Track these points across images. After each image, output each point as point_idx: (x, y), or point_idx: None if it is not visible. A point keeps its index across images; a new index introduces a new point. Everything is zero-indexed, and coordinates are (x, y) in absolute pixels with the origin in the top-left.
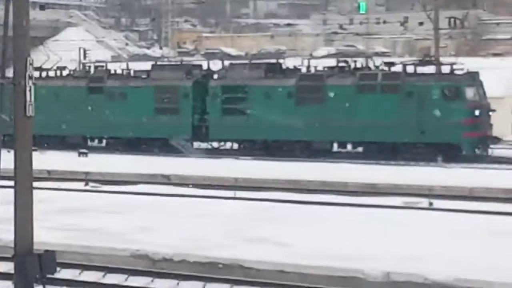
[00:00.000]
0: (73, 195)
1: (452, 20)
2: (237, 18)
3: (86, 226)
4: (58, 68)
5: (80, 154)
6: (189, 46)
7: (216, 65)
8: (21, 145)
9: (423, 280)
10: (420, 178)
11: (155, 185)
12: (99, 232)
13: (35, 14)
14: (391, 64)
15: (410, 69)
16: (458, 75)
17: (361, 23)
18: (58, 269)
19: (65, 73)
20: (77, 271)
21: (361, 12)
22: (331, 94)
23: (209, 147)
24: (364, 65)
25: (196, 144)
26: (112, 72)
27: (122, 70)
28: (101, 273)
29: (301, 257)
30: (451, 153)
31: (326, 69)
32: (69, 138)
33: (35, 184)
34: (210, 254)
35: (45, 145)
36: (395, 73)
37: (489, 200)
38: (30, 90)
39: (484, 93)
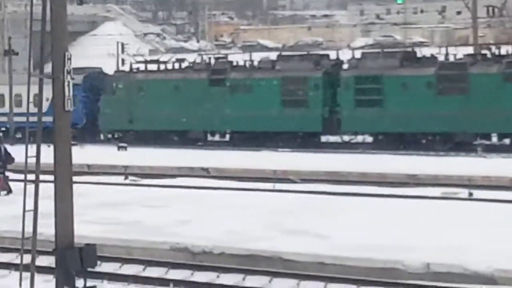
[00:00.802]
0: (113, 189)
1: (490, 8)
2: (274, 10)
3: (125, 220)
4: (177, 60)
5: (119, 148)
6: (226, 39)
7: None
8: (60, 139)
9: (463, 271)
10: (460, 168)
11: (194, 178)
12: (139, 225)
13: (73, 9)
14: None
15: None
16: None
17: (398, 12)
18: (98, 262)
19: (184, 65)
20: (118, 265)
21: (398, 2)
22: (476, 83)
23: (339, 140)
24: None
25: (324, 138)
26: (235, 63)
27: (245, 61)
28: (141, 267)
29: (341, 249)
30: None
31: (466, 57)
32: (190, 133)
33: (75, 178)
34: (250, 247)
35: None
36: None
37: None
38: (68, 85)
39: None
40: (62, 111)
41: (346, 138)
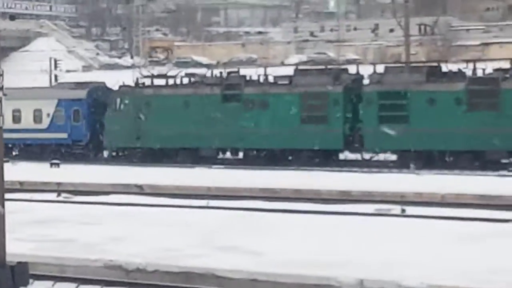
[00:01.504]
0: (46, 206)
1: (422, 26)
2: (208, 26)
3: (58, 237)
4: (186, 75)
5: (52, 165)
6: (160, 55)
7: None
8: None
9: (397, 287)
10: (392, 185)
11: (127, 195)
12: (72, 243)
13: (5, 24)
14: None
15: None
16: None
17: (332, 30)
18: (31, 280)
19: (194, 80)
20: (50, 283)
21: (331, 10)
22: (509, 99)
23: (359, 158)
24: None
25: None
26: (248, 78)
27: (258, 76)
28: (74, 285)
29: (274, 265)
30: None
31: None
32: (202, 151)
33: (7, 195)
34: (184, 264)
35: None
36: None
37: (461, 206)
38: (0, 101)
39: None
40: None
41: (366, 156)
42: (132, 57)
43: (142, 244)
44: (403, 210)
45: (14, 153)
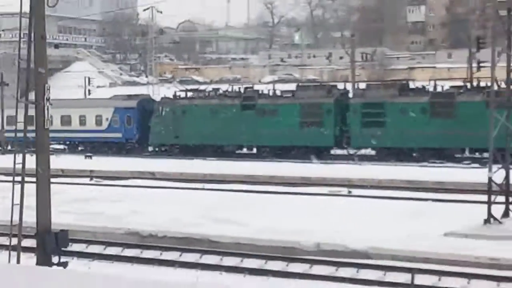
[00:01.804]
0: (81, 188)
1: (364, 55)
2: (203, 54)
3: (91, 211)
4: (213, 89)
5: (86, 157)
6: (168, 75)
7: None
8: (41, 150)
9: (345, 249)
10: (342, 173)
11: (143, 180)
12: (101, 215)
13: (51, 51)
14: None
15: None
16: None
17: (296, 57)
18: (70, 244)
19: (219, 93)
20: (85, 245)
21: (296, 42)
22: (462, 110)
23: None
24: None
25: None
26: (260, 92)
27: (268, 90)
28: (102, 246)
29: (254, 233)
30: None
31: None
32: (225, 147)
33: (52, 179)
34: (185, 231)
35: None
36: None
37: (393, 188)
38: (47, 109)
39: None
40: (42, 129)
41: (351, 151)
42: (146, 76)
43: (154, 216)
44: (350, 192)
45: (79, 148)
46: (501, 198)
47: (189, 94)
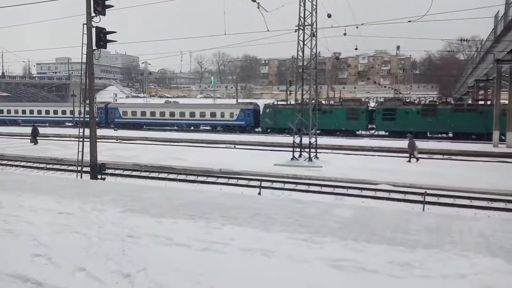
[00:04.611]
0: (110, 144)
1: (241, 86)
2: (170, 84)
3: (115, 154)
4: (293, 101)
5: (114, 129)
6: (153, 93)
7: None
8: (92, 126)
9: (231, 171)
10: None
11: (145, 141)
12: (120, 157)
13: (96, 81)
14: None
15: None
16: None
17: (212, 87)
18: (107, 170)
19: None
20: (113, 170)
21: (211, 84)
22: (441, 112)
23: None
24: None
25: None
26: (323, 102)
27: (325, 101)
28: (121, 170)
29: (191, 164)
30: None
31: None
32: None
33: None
34: (161, 164)
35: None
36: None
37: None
38: (95, 107)
39: None
40: (93, 117)
41: (373, 132)
42: (143, 94)
43: (147, 157)
44: (234, 146)
45: (218, 129)
46: (298, 149)
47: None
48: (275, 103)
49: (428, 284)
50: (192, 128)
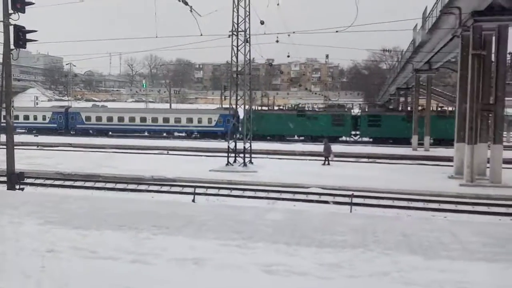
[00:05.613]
0: (30, 151)
1: (175, 91)
2: (97, 87)
3: (36, 163)
4: (279, 106)
5: (34, 135)
6: (80, 97)
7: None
8: (9, 131)
9: (164, 178)
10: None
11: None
12: (42, 164)
13: (15, 83)
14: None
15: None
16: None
17: (144, 91)
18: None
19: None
20: (33, 180)
21: (144, 87)
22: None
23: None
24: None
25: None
26: (306, 108)
27: (312, 107)
28: (42, 180)
29: (125, 172)
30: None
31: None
32: (286, 136)
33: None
34: (87, 172)
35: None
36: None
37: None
38: (11, 113)
39: None
40: (9, 118)
41: (356, 138)
42: (67, 97)
43: (71, 165)
44: (168, 152)
45: (194, 135)
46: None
47: (262, 108)
48: (258, 108)
49: (356, 284)
50: (164, 134)
